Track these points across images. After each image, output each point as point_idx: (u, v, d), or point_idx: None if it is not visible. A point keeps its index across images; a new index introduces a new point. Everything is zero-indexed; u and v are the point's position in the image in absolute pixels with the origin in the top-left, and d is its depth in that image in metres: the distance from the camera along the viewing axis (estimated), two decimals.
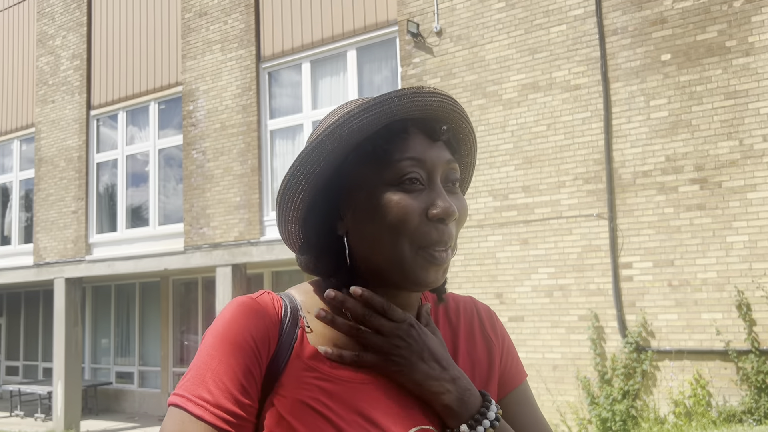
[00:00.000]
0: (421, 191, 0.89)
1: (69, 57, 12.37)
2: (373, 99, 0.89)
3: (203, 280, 12.92)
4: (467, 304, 1.06)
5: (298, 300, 0.94)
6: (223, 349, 0.84)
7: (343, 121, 0.88)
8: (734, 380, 6.13)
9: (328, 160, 0.90)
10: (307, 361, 0.88)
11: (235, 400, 0.82)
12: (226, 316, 0.88)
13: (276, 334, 0.88)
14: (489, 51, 7.73)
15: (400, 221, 0.87)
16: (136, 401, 13.76)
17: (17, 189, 13.58)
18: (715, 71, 6.48)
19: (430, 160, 0.90)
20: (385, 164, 0.89)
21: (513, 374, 1.04)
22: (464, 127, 0.99)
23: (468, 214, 0.97)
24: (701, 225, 6.43)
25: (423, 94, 0.90)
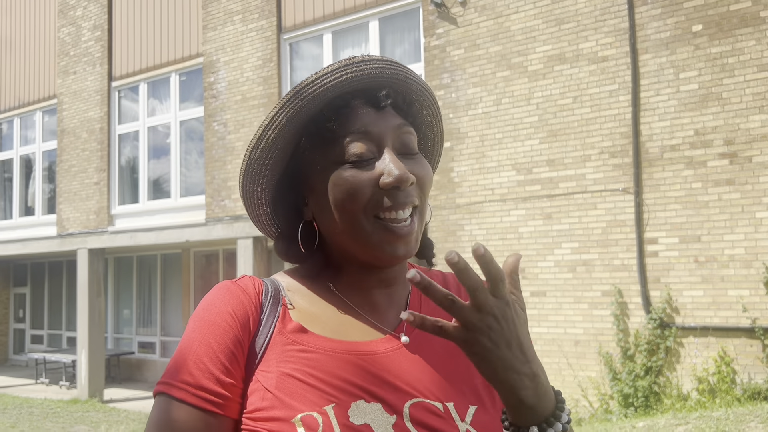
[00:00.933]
0: (371, 163, 0.88)
1: (90, 28, 12.36)
2: (306, 80, 0.88)
3: (224, 252, 13.00)
4: (449, 278, 1.03)
5: (282, 282, 0.95)
6: (203, 330, 0.85)
7: (280, 108, 0.88)
8: (760, 358, 6.06)
9: (276, 148, 0.90)
10: (289, 335, 0.87)
11: (217, 379, 0.82)
12: (206, 300, 0.89)
13: (256, 313, 0.88)
14: (514, 21, 7.58)
15: (352, 195, 0.86)
16: (158, 371, 13.96)
17: (40, 160, 13.69)
18: (748, 42, 6.30)
19: (376, 129, 0.88)
20: (332, 143, 0.89)
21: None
22: (414, 87, 0.94)
23: (431, 178, 0.93)
24: (730, 200, 6.31)
25: (355, 65, 0.88)
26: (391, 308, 0.95)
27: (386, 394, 0.84)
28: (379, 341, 0.90)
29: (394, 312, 0.95)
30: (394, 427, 0.82)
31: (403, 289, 0.98)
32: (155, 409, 0.83)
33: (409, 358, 0.89)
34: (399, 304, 0.96)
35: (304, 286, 0.95)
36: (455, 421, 0.85)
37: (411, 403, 0.85)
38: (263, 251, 9.77)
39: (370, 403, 0.83)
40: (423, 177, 0.90)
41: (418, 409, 0.84)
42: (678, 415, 5.51)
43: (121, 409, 10.72)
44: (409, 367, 0.88)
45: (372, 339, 0.90)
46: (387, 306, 0.95)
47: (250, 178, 0.94)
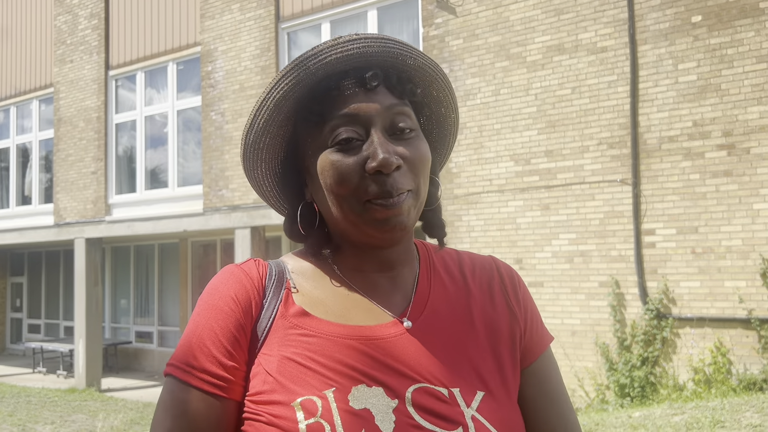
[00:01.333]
0: (358, 146, 0.86)
1: (87, 16, 12.29)
2: (292, 62, 0.86)
3: (222, 242, 13.00)
4: (486, 263, 1.01)
5: (288, 264, 0.95)
6: (207, 315, 0.86)
7: (267, 93, 0.88)
8: (756, 348, 6.09)
9: (268, 133, 0.90)
10: (292, 319, 0.87)
11: (220, 363, 0.84)
12: (211, 284, 0.91)
13: (259, 297, 0.89)
14: (513, 11, 7.56)
15: (339, 183, 0.86)
16: (156, 360, 13.99)
17: (37, 149, 13.64)
18: (747, 33, 6.29)
19: (364, 111, 0.86)
20: (320, 127, 0.87)
21: (536, 342, 0.98)
22: (410, 63, 0.91)
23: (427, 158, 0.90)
24: (727, 192, 6.32)
25: (341, 45, 0.86)
26: (396, 291, 0.93)
27: (388, 379, 0.84)
28: (383, 326, 0.89)
29: (399, 295, 0.93)
30: (394, 411, 0.81)
31: (410, 271, 0.96)
32: (164, 390, 0.86)
33: (414, 343, 0.88)
34: (405, 287, 0.94)
35: (310, 268, 0.94)
36: (460, 407, 0.84)
37: (414, 388, 0.84)
38: (261, 241, 9.77)
39: (371, 387, 0.82)
40: (414, 158, 0.87)
41: (421, 393, 0.84)
42: (674, 405, 5.54)
43: (119, 398, 10.74)
44: (414, 352, 0.87)
45: (376, 324, 0.89)
46: (391, 289, 0.93)
47: (249, 162, 0.94)
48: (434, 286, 0.96)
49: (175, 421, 0.83)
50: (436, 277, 0.97)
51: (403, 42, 0.90)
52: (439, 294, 0.94)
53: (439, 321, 0.91)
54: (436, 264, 0.99)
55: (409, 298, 0.93)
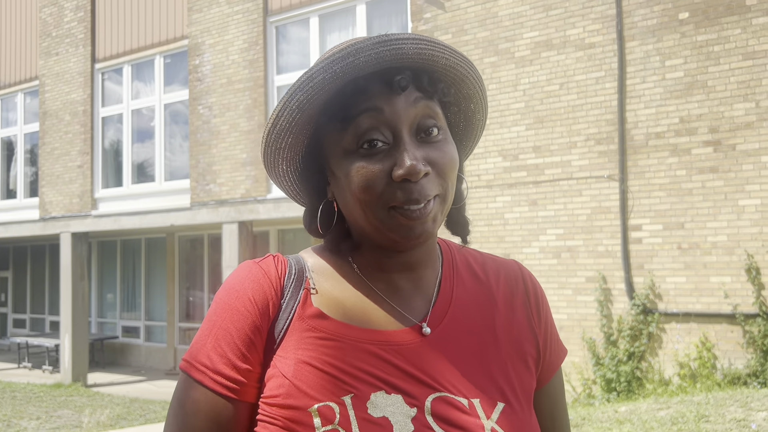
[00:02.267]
0: (384, 151, 0.83)
1: (73, 8, 12.17)
2: (316, 64, 0.82)
3: (209, 236, 12.95)
4: (511, 271, 0.99)
5: (308, 262, 0.92)
6: (223, 315, 0.85)
7: (291, 94, 0.83)
8: (740, 343, 6.14)
9: (291, 133, 0.87)
10: (309, 321, 0.85)
11: (233, 365, 0.82)
12: (228, 282, 0.89)
13: (277, 298, 0.87)
14: (502, 7, 7.56)
15: (365, 189, 0.83)
16: (143, 355, 13.93)
17: (22, 142, 13.52)
18: (733, 31, 6.33)
19: (390, 112, 0.83)
20: (345, 130, 0.84)
21: (554, 359, 0.97)
22: (442, 63, 0.86)
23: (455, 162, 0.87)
24: (713, 188, 6.36)
25: (371, 47, 0.81)
26: (417, 294, 0.91)
27: (408, 387, 0.82)
28: (403, 331, 0.87)
29: (419, 299, 0.91)
30: (413, 420, 0.80)
31: (432, 272, 0.93)
32: (179, 385, 0.86)
33: (435, 350, 0.86)
34: (426, 290, 0.92)
35: (329, 267, 0.92)
36: (480, 419, 0.83)
37: (434, 397, 0.82)
38: (248, 235, 9.74)
39: (390, 394, 0.81)
40: (443, 164, 0.84)
41: (441, 403, 0.82)
42: (659, 399, 5.59)
43: (105, 393, 10.69)
44: (434, 360, 0.85)
45: (395, 329, 0.87)
46: (412, 292, 0.91)
47: (269, 160, 0.91)
48: (456, 290, 0.93)
49: (187, 418, 0.83)
50: (459, 280, 0.95)
51: (435, 41, 0.85)
52: (461, 299, 0.93)
53: (460, 328, 0.89)
54: (459, 266, 0.97)
55: (430, 301, 0.91)
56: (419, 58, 0.84)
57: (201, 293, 13.22)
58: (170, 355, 13.32)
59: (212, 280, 12.93)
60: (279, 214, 9.21)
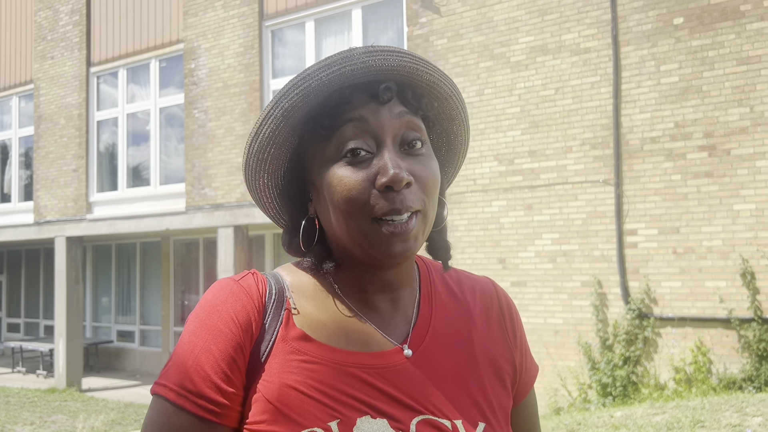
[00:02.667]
0: (368, 161, 0.83)
1: (68, 12, 12.15)
2: (302, 72, 0.83)
3: (204, 240, 12.92)
4: (486, 288, 0.99)
5: (286, 280, 0.91)
6: (205, 335, 0.82)
7: (275, 102, 0.84)
8: (736, 348, 6.15)
9: (274, 143, 0.86)
10: (292, 343, 0.84)
11: (218, 388, 0.80)
12: (208, 300, 0.85)
13: (259, 318, 0.85)
14: (497, 12, 7.58)
15: (348, 198, 0.82)
16: (137, 360, 13.88)
17: (16, 146, 13.47)
18: (728, 36, 6.35)
19: (375, 121, 0.83)
20: (329, 139, 0.84)
21: (529, 376, 0.99)
22: (425, 78, 0.87)
23: (437, 178, 0.87)
24: (708, 192, 6.38)
25: (356, 57, 0.82)
26: (397, 315, 0.91)
27: (392, 410, 0.82)
28: (385, 353, 0.87)
29: (400, 319, 0.91)
30: None
31: (411, 292, 0.93)
32: (153, 410, 0.82)
33: (416, 372, 0.86)
34: (406, 310, 0.92)
35: (309, 286, 0.91)
36: None
37: (418, 419, 0.82)
38: (244, 240, 9.72)
39: (375, 419, 0.81)
40: (426, 178, 0.84)
41: (425, 426, 0.82)
42: (655, 404, 5.59)
43: (100, 398, 10.65)
44: (417, 382, 0.85)
45: (377, 350, 0.87)
46: (392, 313, 0.91)
47: (251, 172, 0.90)
48: (435, 309, 0.93)
49: None
50: (437, 299, 0.94)
51: (419, 56, 0.86)
52: (440, 318, 0.92)
53: (440, 348, 0.89)
54: (436, 284, 0.96)
55: (410, 322, 0.91)
56: (403, 71, 0.85)
57: (196, 297, 13.18)
58: (165, 360, 13.26)
59: (207, 284, 12.90)
60: None
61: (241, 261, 9.54)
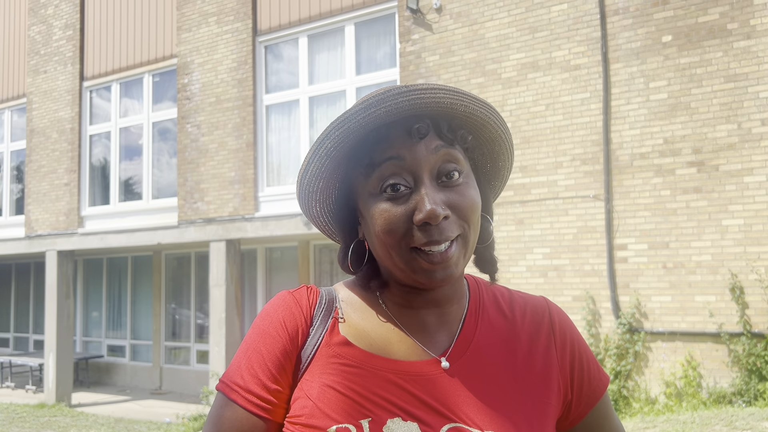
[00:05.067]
0: (406, 195, 0.88)
1: (62, 26, 12.19)
2: (342, 114, 0.88)
3: (196, 255, 12.89)
4: (539, 307, 1.01)
5: (339, 294, 0.99)
6: (258, 339, 0.92)
7: (321, 141, 0.89)
8: (725, 362, 6.19)
9: (321, 178, 0.93)
10: (335, 348, 0.91)
11: (264, 386, 0.88)
12: (264, 308, 0.96)
13: (306, 326, 0.93)
14: (489, 29, 7.66)
15: (387, 232, 0.87)
16: (128, 374, 13.79)
17: (8, 160, 13.45)
18: (715, 54, 6.45)
19: (411, 157, 0.87)
20: (369, 175, 0.90)
21: (594, 389, 1.00)
22: (461, 110, 0.90)
23: (476, 204, 0.90)
24: (697, 208, 6.44)
25: (391, 98, 0.85)
26: (442, 329, 0.95)
27: (424, 415, 0.86)
28: (423, 363, 0.91)
29: (444, 333, 0.95)
30: None
31: (458, 308, 0.97)
32: (215, 404, 0.91)
33: (452, 383, 0.90)
34: (451, 325, 0.96)
35: (358, 300, 0.97)
36: None
37: (448, 427, 0.86)
38: (236, 254, 9.72)
39: (406, 422, 0.85)
40: (464, 207, 0.88)
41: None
42: (646, 418, 5.61)
43: (90, 413, 10.56)
44: (451, 391, 0.89)
45: (416, 360, 0.91)
46: (437, 327, 0.95)
47: (304, 202, 0.97)
48: (481, 325, 0.97)
49: None
50: (485, 316, 0.98)
51: (455, 89, 0.89)
52: (484, 335, 0.96)
53: (480, 363, 0.93)
54: (485, 302, 1.00)
55: (453, 336, 0.95)
56: (437, 107, 0.88)
57: (187, 312, 13.13)
58: (156, 374, 13.20)
59: (199, 298, 12.86)
60: (267, 233, 9.21)
61: (233, 275, 9.53)
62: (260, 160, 9.58)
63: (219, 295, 9.48)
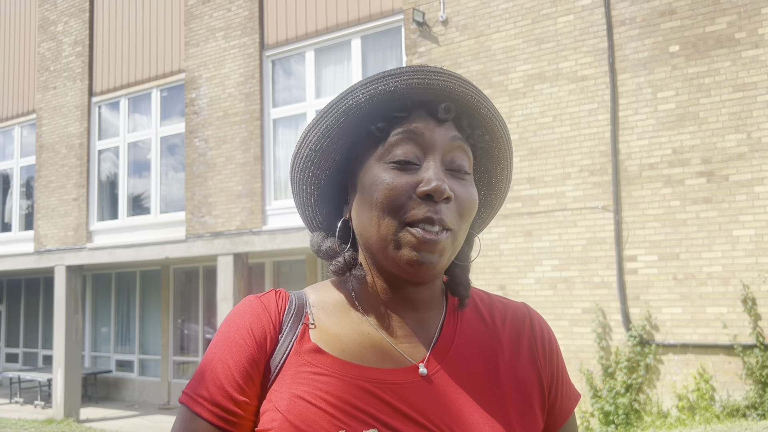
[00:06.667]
0: (414, 170, 0.85)
1: (71, 43, 12.29)
2: (372, 76, 0.86)
3: (204, 269, 12.89)
4: (519, 312, 0.98)
5: (310, 297, 0.93)
6: (222, 347, 0.86)
7: (340, 98, 0.86)
8: (739, 375, 6.10)
9: (328, 138, 0.88)
10: (305, 356, 0.86)
11: (230, 397, 0.83)
12: (230, 315, 0.90)
13: (274, 332, 0.88)
14: (495, 41, 7.66)
15: (387, 198, 0.84)
16: (136, 390, 13.76)
17: (18, 176, 13.53)
18: (723, 63, 6.41)
19: (429, 136, 0.86)
20: (380, 142, 0.86)
21: (565, 403, 0.97)
22: (483, 113, 0.91)
23: (474, 204, 0.89)
24: (707, 218, 6.38)
25: (424, 73, 0.85)
26: (419, 334, 0.90)
27: (401, 426, 0.82)
28: (400, 370, 0.86)
29: (421, 339, 0.90)
30: None
31: (436, 313, 0.93)
32: (178, 418, 0.86)
33: (431, 390, 0.86)
34: (428, 331, 0.91)
35: (331, 303, 0.92)
36: None
37: None
38: (243, 267, 9.70)
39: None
40: (465, 200, 0.86)
41: None
42: None
43: (98, 429, 10.53)
44: (430, 400, 0.85)
45: (392, 367, 0.87)
46: (414, 332, 0.90)
47: (300, 161, 0.92)
48: (460, 331, 0.93)
49: None
50: (464, 321, 0.94)
51: (478, 89, 0.90)
52: (464, 340, 0.92)
53: (460, 369, 0.89)
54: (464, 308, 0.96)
55: (431, 342, 0.90)
56: (465, 98, 0.89)
57: (195, 326, 13.12)
58: (164, 389, 13.17)
59: (207, 312, 12.84)
60: (274, 246, 9.19)
61: (241, 289, 9.51)
62: (267, 174, 9.59)
63: (227, 309, 9.46)
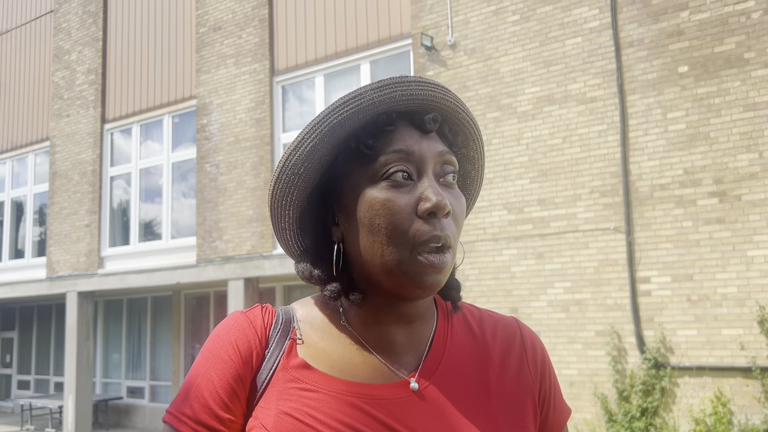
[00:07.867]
0: (410, 186, 0.82)
1: (84, 71, 12.46)
2: (352, 92, 0.83)
3: (215, 294, 12.89)
4: (509, 326, 0.97)
5: (298, 313, 0.91)
6: (207, 363, 0.85)
7: (323, 118, 0.83)
8: (757, 397, 5.99)
9: (312, 159, 0.85)
10: (292, 371, 0.84)
11: (215, 415, 0.81)
12: (215, 331, 0.88)
13: (261, 348, 0.86)
14: (503, 64, 7.69)
15: (390, 223, 0.81)
16: (147, 416, 13.69)
17: (31, 203, 13.65)
18: (733, 83, 6.40)
19: (419, 152, 0.83)
20: (370, 161, 0.83)
21: (557, 418, 0.95)
22: (461, 117, 0.90)
23: (465, 214, 0.89)
24: (721, 239, 6.31)
25: (406, 84, 0.83)
26: (409, 348, 0.89)
27: None
28: (390, 385, 0.85)
29: (411, 353, 0.89)
30: None
31: (427, 327, 0.91)
32: None
33: (422, 405, 0.84)
34: (419, 345, 0.90)
35: (319, 318, 0.90)
36: None
37: None
38: (254, 292, 9.69)
39: None
40: (459, 212, 0.85)
41: None
42: None
43: None
44: (420, 415, 0.83)
45: (382, 382, 0.85)
46: (405, 346, 0.89)
47: (281, 186, 0.87)
48: (450, 345, 0.91)
49: None
50: (454, 335, 0.92)
51: (454, 93, 0.89)
52: (454, 355, 0.90)
53: (450, 384, 0.87)
54: (454, 320, 0.95)
55: (421, 356, 0.89)
56: (445, 105, 0.88)
57: None
58: None
59: None
60: (285, 270, 9.18)
61: None
62: None
63: None
